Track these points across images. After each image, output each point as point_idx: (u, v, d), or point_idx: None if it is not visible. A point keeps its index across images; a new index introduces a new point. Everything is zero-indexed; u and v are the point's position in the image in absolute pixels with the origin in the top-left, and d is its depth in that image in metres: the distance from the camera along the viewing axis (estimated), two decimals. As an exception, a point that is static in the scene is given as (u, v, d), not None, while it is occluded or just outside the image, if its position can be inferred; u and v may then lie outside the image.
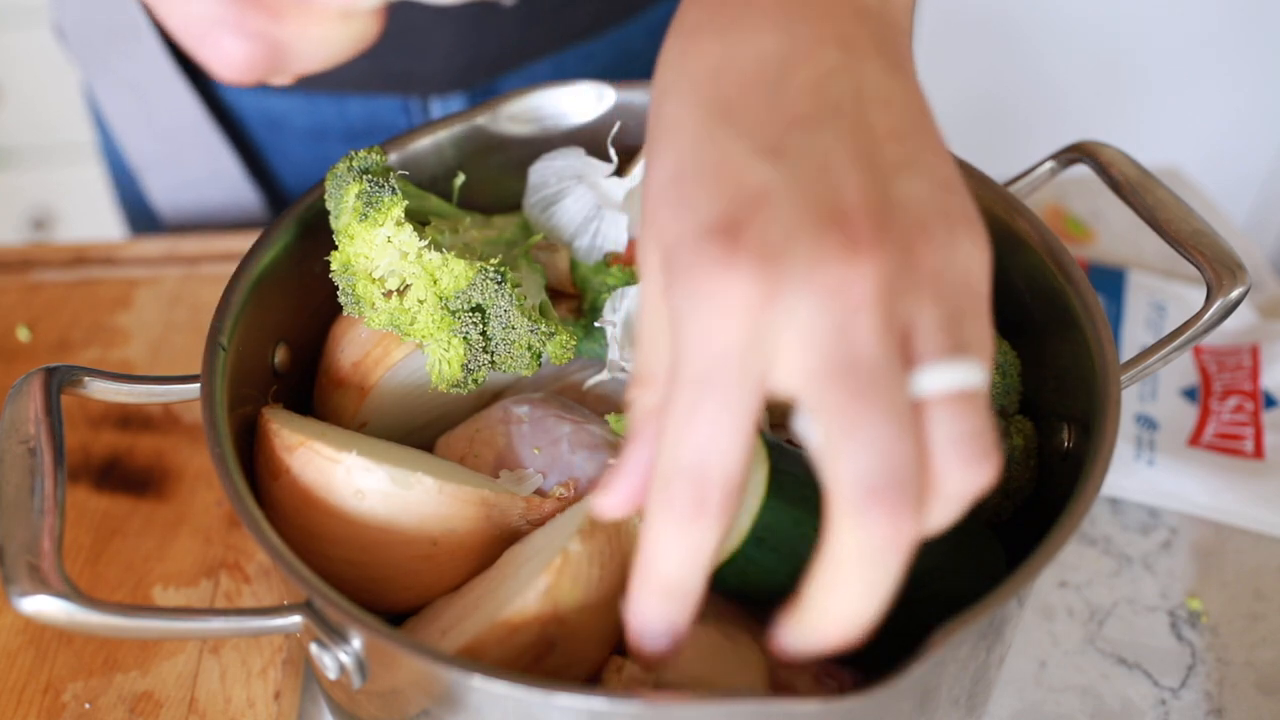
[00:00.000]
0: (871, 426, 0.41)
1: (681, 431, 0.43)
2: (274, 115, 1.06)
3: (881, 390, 0.41)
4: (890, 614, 0.60)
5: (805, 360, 0.42)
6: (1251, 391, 0.90)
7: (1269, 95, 2.06)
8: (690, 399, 0.43)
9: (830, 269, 0.42)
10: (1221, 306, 0.64)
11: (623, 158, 0.74)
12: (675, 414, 0.44)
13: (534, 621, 0.56)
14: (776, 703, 0.50)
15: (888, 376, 0.42)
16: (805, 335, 0.42)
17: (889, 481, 0.42)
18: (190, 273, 0.99)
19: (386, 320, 0.64)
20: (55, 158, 2.10)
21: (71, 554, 0.78)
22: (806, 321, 0.42)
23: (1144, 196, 0.69)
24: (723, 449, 0.43)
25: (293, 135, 1.07)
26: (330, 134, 1.06)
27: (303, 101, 1.05)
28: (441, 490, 0.61)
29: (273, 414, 0.65)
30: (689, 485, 0.44)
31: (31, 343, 0.93)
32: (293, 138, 1.07)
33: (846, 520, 0.42)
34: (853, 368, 0.41)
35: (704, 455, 0.43)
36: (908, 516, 0.42)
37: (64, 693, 0.71)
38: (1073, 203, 1.11)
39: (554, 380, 0.73)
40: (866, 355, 0.41)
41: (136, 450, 0.85)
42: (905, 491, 0.42)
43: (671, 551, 0.45)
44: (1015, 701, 0.75)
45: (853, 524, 0.42)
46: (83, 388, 0.63)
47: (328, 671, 0.55)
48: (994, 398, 0.69)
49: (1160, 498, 0.86)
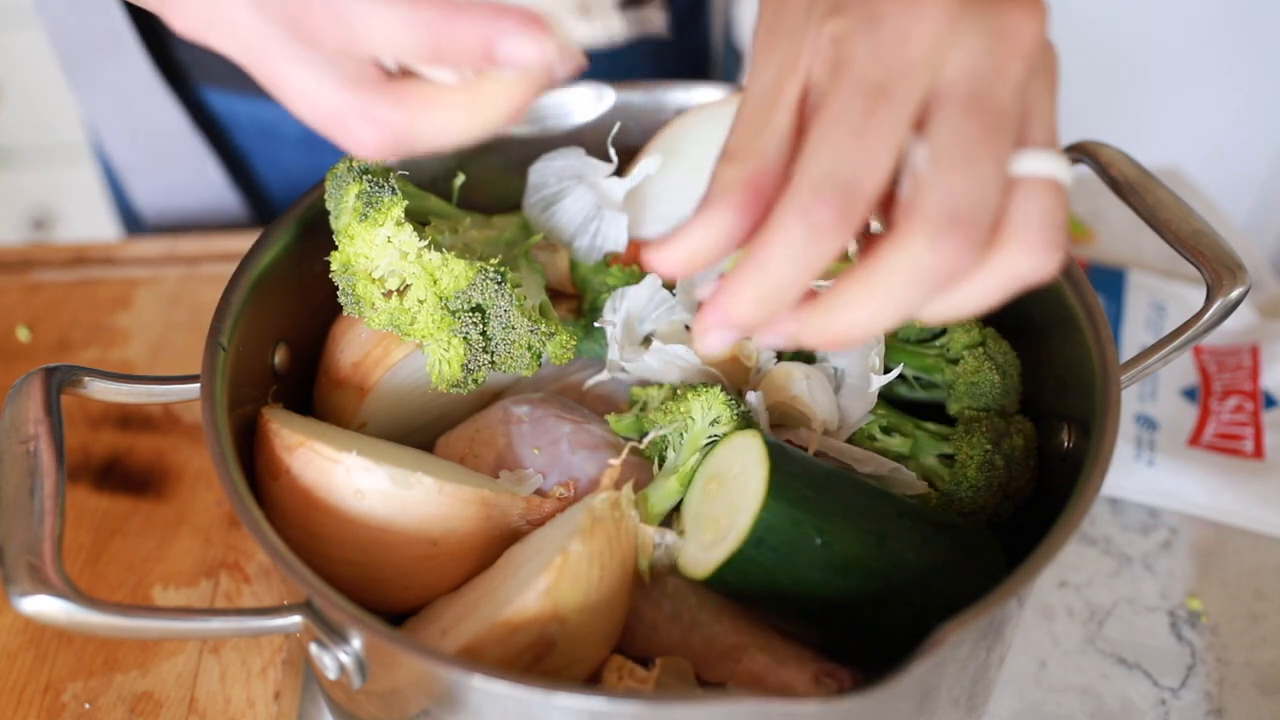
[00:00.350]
0: (979, 162, 0.44)
1: (845, 143, 0.44)
2: (266, 123, 1.06)
3: (1001, 135, 0.45)
4: (890, 614, 0.60)
5: (956, 83, 0.44)
6: (1251, 391, 0.90)
7: (1269, 95, 2.06)
8: (863, 108, 0.44)
9: (1013, 11, 0.45)
10: (1221, 306, 0.64)
11: (623, 158, 0.74)
12: (841, 123, 0.44)
13: (534, 621, 0.56)
14: (776, 703, 0.50)
15: (1008, 127, 0.45)
16: (968, 61, 0.44)
17: (972, 216, 0.44)
18: (190, 273, 0.99)
19: (386, 320, 0.64)
20: (55, 158, 2.10)
21: (71, 554, 0.78)
22: (975, 49, 0.44)
23: (1144, 196, 0.69)
24: (881, 164, 0.44)
25: (285, 143, 1.07)
26: (324, 142, 1.06)
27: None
28: (441, 490, 0.61)
29: (273, 414, 0.65)
30: (839, 196, 0.44)
31: (31, 343, 0.93)
32: (285, 146, 1.07)
33: (919, 237, 0.44)
34: (988, 105, 0.44)
35: (862, 167, 0.44)
36: (971, 253, 0.44)
37: (64, 693, 0.71)
38: (1073, 203, 1.11)
39: (554, 380, 0.73)
40: (1003, 100, 0.45)
41: (136, 450, 0.85)
42: (980, 231, 0.44)
43: (795, 257, 0.45)
44: (1015, 701, 0.75)
45: (923, 241, 0.44)
46: (83, 388, 0.63)
47: (328, 671, 0.55)
48: (994, 398, 0.69)
49: (1160, 498, 0.86)
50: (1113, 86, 2.06)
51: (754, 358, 0.69)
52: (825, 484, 0.61)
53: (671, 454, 0.65)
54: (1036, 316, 0.70)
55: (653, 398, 0.68)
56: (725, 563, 0.58)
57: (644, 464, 0.66)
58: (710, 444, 0.64)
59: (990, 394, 0.68)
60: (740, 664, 0.61)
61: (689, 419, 0.64)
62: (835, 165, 0.45)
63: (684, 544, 0.62)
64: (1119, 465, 0.86)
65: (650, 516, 0.63)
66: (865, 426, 0.68)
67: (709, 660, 0.62)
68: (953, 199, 0.44)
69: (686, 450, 0.64)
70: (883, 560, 0.59)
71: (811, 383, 0.67)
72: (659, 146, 0.76)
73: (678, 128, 0.76)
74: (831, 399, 0.68)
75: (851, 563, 0.59)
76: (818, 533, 0.59)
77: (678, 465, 0.64)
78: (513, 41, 0.45)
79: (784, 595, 0.59)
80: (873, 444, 0.68)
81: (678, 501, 0.64)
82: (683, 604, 0.63)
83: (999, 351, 0.70)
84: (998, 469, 0.66)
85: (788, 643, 0.62)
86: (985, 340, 0.70)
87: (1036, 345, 0.70)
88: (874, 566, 0.59)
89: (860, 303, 0.46)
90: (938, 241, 0.44)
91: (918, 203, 0.44)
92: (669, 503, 0.64)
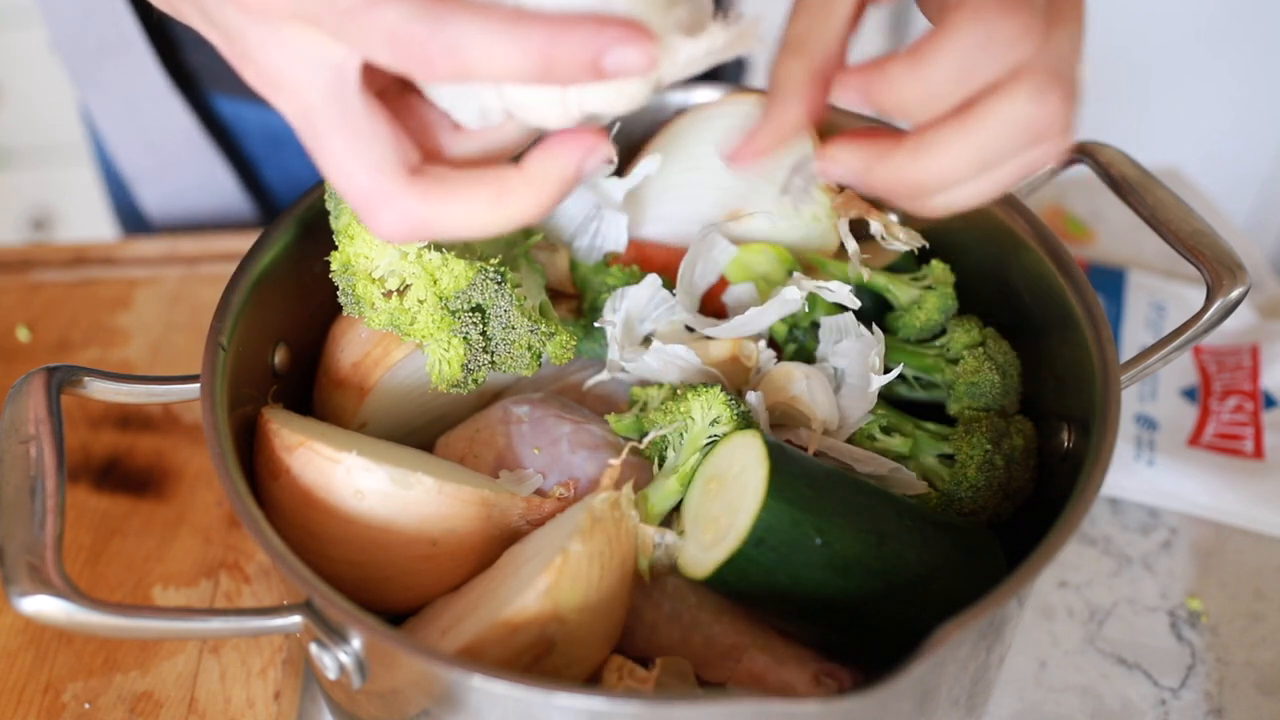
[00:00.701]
0: (1074, 24, 0.50)
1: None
2: (276, 131, 1.07)
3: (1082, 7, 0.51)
4: (890, 614, 0.60)
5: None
6: (1251, 391, 0.90)
7: (1269, 95, 2.06)
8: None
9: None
10: (1221, 306, 0.64)
11: (623, 158, 0.74)
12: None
13: (534, 621, 0.56)
14: (776, 703, 0.50)
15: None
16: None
17: (1073, 78, 0.50)
18: (190, 273, 0.99)
19: (386, 320, 0.64)
20: (54, 158, 2.10)
21: (71, 554, 0.78)
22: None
23: (1144, 196, 0.69)
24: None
25: (294, 151, 1.07)
26: None
27: None
28: (441, 490, 0.61)
29: (273, 414, 0.65)
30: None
31: (31, 343, 0.93)
32: (294, 154, 1.07)
33: (1024, 91, 0.48)
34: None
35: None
36: (1068, 108, 0.49)
37: (64, 693, 0.71)
38: (1073, 203, 1.11)
39: (554, 380, 0.73)
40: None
41: (136, 450, 0.85)
42: (1075, 91, 0.50)
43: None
44: (1015, 701, 0.75)
45: (1030, 95, 0.48)
46: (83, 388, 0.63)
47: (328, 671, 0.55)
48: (994, 398, 0.69)
49: (1160, 498, 0.86)
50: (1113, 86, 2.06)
51: (754, 358, 0.69)
52: (825, 484, 0.61)
53: (671, 454, 0.65)
54: (1036, 316, 0.70)
55: (653, 398, 0.68)
56: (725, 563, 0.58)
57: (644, 464, 0.66)
58: (710, 444, 0.64)
59: (990, 394, 0.68)
60: (740, 664, 0.61)
61: (689, 419, 0.64)
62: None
63: (684, 544, 0.62)
64: (1119, 465, 0.86)
65: (650, 516, 0.63)
66: (865, 426, 0.68)
67: (709, 660, 0.62)
68: (1062, 61, 0.49)
69: (686, 450, 0.64)
70: (883, 560, 0.59)
71: (811, 383, 0.67)
72: (659, 146, 0.76)
73: (678, 128, 0.76)
74: (831, 399, 0.68)
75: (851, 563, 0.59)
76: (817, 533, 0.59)
77: (678, 465, 0.64)
78: (619, 51, 0.46)
79: (784, 595, 0.59)
80: (873, 444, 0.68)
81: (678, 501, 0.64)
82: (683, 604, 0.63)
83: (999, 351, 0.70)
84: (998, 469, 0.66)
85: (788, 643, 0.62)
86: (985, 340, 0.70)
87: (1036, 345, 0.70)
88: (874, 566, 0.59)
89: (951, 148, 0.49)
90: (1046, 96, 0.48)
91: (1023, 67, 0.48)
92: (669, 503, 0.64)
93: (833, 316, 0.70)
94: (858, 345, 0.69)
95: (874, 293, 0.73)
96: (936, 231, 0.74)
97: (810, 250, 0.74)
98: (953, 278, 0.73)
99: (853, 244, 0.72)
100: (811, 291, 0.68)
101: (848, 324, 0.70)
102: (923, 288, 0.73)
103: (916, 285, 0.73)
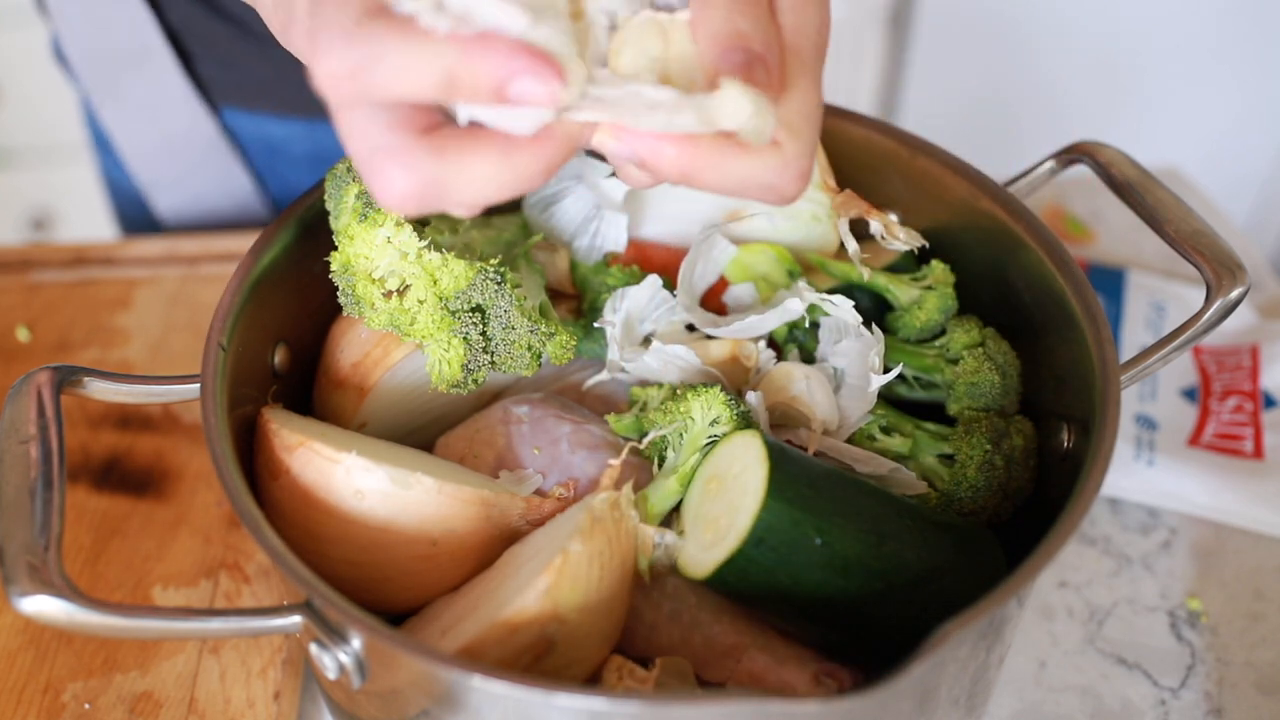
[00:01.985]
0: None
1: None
2: (273, 142, 1.07)
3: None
4: (890, 614, 0.60)
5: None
6: (1251, 391, 0.90)
7: (1269, 95, 2.06)
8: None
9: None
10: (1221, 306, 0.64)
11: (623, 158, 0.74)
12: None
13: (534, 621, 0.56)
14: (776, 703, 0.50)
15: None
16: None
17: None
18: (190, 273, 0.99)
19: (386, 320, 0.64)
20: (54, 158, 2.10)
21: (71, 554, 0.78)
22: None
23: (1144, 196, 0.69)
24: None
25: (291, 162, 1.08)
26: (331, 160, 1.08)
27: (303, 128, 1.07)
28: (441, 490, 0.61)
29: (273, 414, 0.65)
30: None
31: (31, 343, 0.93)
32: (291, 164, 1.08)
33: (804, 81, 0.51)
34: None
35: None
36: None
37: (64, 693, 0.71)
38: (1073, 203, 1.11)
39: (554, 380, 0.73)
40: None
41: (136, 450, 0.85)
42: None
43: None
44: (1015, 701, 0.75)
45: (806, 85, 0.51)
46: (83, 388, 0.63)
47: (328, 671, 0.55)
48: (994, 398, 0.69)
49: (1160, 498, 0.86)
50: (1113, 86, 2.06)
51: (754, 358, 0.69)
52: (825, 484, 0.61)
53: (671, 454, 0.65)
54: (1036, 316, 0.70)
55: (653, 398, 0.68)
56: (725, 563, 0.58)
57: (644, 464, 0.66)
58: (710, 444, 0.64)
59: (990, 394, 0.68)
60: (740, 664, 0.61)
61: (689, 419, 0.64)
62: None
63: (684, 544, 0.62)
64: (1119, 465, 0.86)
65: (650, 516, 0.63)
66: (865, 426, 0.68)
67: (709, 660, 0.62)
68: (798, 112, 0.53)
69: (686, 450, 0.64)
70: (883, 560, 0.59)
71: (811, 383, 0.67)
72: (659, 146, 0.76)
73: (678, 128, 0.76)
74: (831, 399, 0.68)
75: (851, 563, 0.59)
76: (817, 533, 0.59)
77: (677, 465, 0.64)
78: (524, 81, 0.46)
79: (784, 595, 0.59)
80: (873, 444, 0.68)
81: (678, 501, 0.64)
82: (683, 604, 0.63)
83: (999, 351, 0.70)
84: (997, 469, 0.66)
85: (788, 643, 0.62)
86: (985, 340, 0.70)
87: (1036, 345, 0.70)
88: (874, 566, 0.59)
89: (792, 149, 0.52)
90: (816, 88, 0.52)
91: (803, 57, 0.52)
92: (669, 503, 0.64)
93: (832, 316, 0.70)
94: (857, 345, 0.69)
95: (874, 293, 0.73)
96: (936, 231, 0.74)
97: (810, 250, 0.74)
98: (953, 278, 0.73)
99: (853, 244, 0.72)
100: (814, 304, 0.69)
101: (848, 324, 0.70)
102: (923, 288, 0.73)
103: (916, 285, 0.73)
